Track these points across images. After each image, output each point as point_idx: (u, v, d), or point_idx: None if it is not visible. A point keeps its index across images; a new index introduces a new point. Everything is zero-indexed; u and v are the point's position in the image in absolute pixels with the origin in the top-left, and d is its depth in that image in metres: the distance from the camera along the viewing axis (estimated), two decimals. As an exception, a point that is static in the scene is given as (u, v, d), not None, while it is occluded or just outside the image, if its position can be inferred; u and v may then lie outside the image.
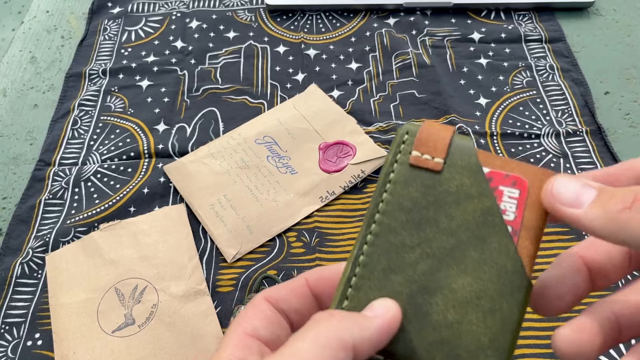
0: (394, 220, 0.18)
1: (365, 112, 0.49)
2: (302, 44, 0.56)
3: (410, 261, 0.18)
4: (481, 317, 0.17)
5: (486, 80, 0.52)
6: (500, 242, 0.18)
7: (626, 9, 0.58)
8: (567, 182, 0.17)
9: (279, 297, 0.19)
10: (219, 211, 0.43)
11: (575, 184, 0.17)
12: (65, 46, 0.58)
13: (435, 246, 0.18)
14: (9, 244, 0.42)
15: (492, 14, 0.58)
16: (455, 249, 0.18)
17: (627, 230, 0.15)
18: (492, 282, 0.17)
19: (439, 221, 0.18)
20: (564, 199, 0.17)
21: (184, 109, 0.51)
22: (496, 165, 0.19)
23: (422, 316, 0.17)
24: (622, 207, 0.15)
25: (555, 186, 0.17)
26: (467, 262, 0.18)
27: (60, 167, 0.47)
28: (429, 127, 0.19)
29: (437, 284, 0.17)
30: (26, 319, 0.38)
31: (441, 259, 0.18)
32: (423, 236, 0.18)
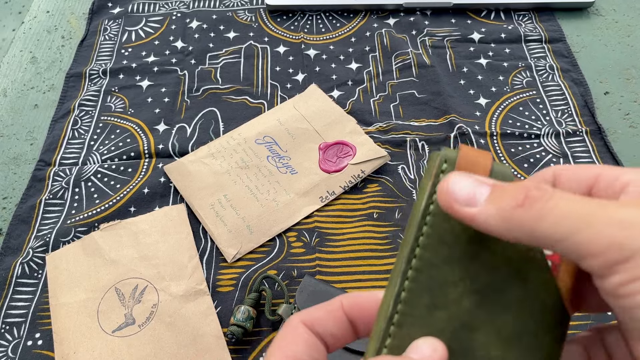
0: (435, 254, 0.17)
1: (365, 112, 0.49)
2: (302, 44, 0.56)
3: (454, 297, 0.17)
4: (524, 353, 0.17)
5: (486, 80, 0.52)
6: (541, 277, 0.17)
7: (626, 9, 0.58)
8: (461, 179, 0.17)
9: (315, 320, 0.19)
10: (219, 211, 0.43)
11: (469, 181, 0.17)
12: (66, 46, 0.58)
13: (479, 282, 0.17)
14: (10, 244, 0.42)
15: (492, 14, 0.58)
16: (499, 284, 0.17)
17: (521, 229, 0.15)
18: (534, 318, 0.17)
19: (482, 256, 0.18)
20: (458, 197, 0.16)
21: (184, 109, 0.51)
22: None
23: (465, 353, 0.17)
24: (515, 204, 0.15)
25: (450, 184, 0.17)
26: (510, 298, 0.17)
27: (60, 167, 0.47)
28: (468, 155, 0.18)
29: (480, 320, 0.17)
30: (26, 319, 0.38)
31: (485, 295, 0.17)
32: (465, 272, 0.17)
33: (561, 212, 0.15)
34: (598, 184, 0.17)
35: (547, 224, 0.15)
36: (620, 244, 0.14)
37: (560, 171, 0.19)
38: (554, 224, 0.15)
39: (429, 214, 0.18)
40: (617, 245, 0.14)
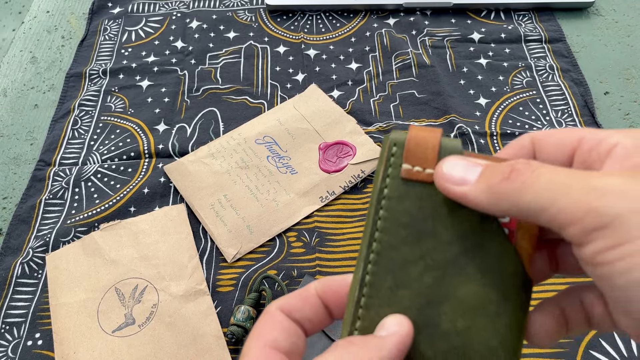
0: (393, 236, 0.18)
1: (365, 112, 0.49)
2: (302, 44, 0.56)
3: (415, 275, 0.18)
4: (489, 322, 0.17)
5: (486, 80, 0.52)
6: (499, 246, 0.18)
7: (626, 9, 0.58)
8: (455, 161, 0.18)
9: (292, 307, 0.19)
10: (219, 211, 0.43)
11: (463, 163, 0.18)
12: (66, 46, 0.58)
13: (437, 258, 0.18)
14: (10, 244, 0.42)
15: (492, 14, 0.58)
16: (457, 258, 0.18)
17: (506, 200, 0.16)
18: (496, 286, 0.18)
19: (438, 232, 0.18)
20: (452, 178, 0.17)
21: (184, 109, 0.51)
22: None
23: (432, 327, 0.18)
24: (501, 177, 0.16)
25: (444, 166, 0.18)
26: (470, 270, 0.18)
27: (60, 167, 0.47)
28: (416, 137, 0.19)
29: (443, 294, 0.18)
30: (26, 319, 0.38)
31: (445, 270, 0.18)
32: (424, 249, 0.18)
33: (543, 182, 0.15)
34: (581, 147, 0.17)
35: (530, 195, 0.15)
36: (597, 211, 0.14)
37: (541, 137, 0.19)
38: (536, 194, 0.15)
39: (384, 198, 0.18)
40: (594, 212, 0.14)
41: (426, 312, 0.18)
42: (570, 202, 0.14)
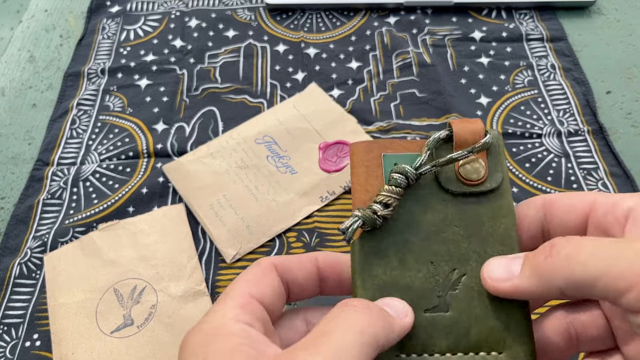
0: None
1: (365, 112, 0.49)
2: (302, 43, 0.55)
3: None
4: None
5: (487, 79, 0.51)
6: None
7: (628, 8, 0.58)
8: (496, 262, 0.19)
9: (287, 268, 0.20)
10: (218, 211, 0.42)
11: (503, 260, 0.18)
12: (64, 45, 0.58)
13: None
14: (7, 244, 0.42)
15: (493, 12, 0.57)
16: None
17: (557, 278, 0.16)
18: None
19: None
20: (498, 278, 0.18)
21: (183, 108, 0.51)
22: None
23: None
24: (544, 256, 0.16)
25: (487, 270, 0.19)
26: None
27: (58, 166, 0.47)
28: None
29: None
30: (24, 320, 0.38)
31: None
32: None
33: (589, 252, 0.15)
34: (595, 212, 0.18)
35: (579, 267, 0.15)
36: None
37: (552, 200, 0.19)
38: (584, 265, 0.15)
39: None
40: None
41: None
42: (623, 268, 0.14)
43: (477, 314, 0.19)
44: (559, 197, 0.19)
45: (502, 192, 0.21)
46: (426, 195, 0.21)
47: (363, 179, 0.21)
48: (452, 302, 0.19)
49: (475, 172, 0.20)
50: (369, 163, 0.21)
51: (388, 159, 0.21)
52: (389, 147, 0.21)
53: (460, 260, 0.20)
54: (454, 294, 0.19)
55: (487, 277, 0.18)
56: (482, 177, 0.20)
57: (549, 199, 0.20)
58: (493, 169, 0.21)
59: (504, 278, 0.18)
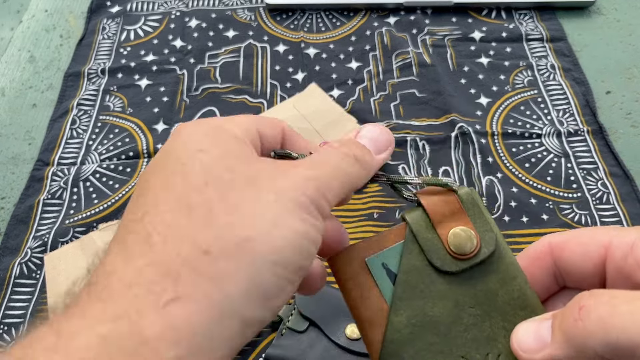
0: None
1: (365, 112, 0.49)
2: (302, 43, 0.55)
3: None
4: None
5: (487, 79, 0.51)
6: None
7: (627, 8, 0.58)
8: (523, 330, 0.17)
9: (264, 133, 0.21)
10: (218, 211, 0.42)
11: (530, 326, 0.17)
12: (64, 45, 0.58)
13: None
14: (8, 244, 0.42)
15: (493, 13, 0.57)
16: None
17: (593, 342, 0.15)
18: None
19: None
20: (530, 347, 0.17)
21: (184, 108, 0.51)
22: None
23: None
24: (573, 320, 0.15)
25: (517, 341, 0.17)
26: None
27: (59, 167, 0.47)
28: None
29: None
30: (25, 319, 0.38)
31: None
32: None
33: (624, 315, 0.14)
34: (612, 256, 0.17)
35: (615, 332, 0.14)
36: None
37: (560, 246, 0.18)
38: (621, 330, 0.14)
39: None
40: None
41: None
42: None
43: None
44: (567, 240, 0.18)
45: (501, 252, 0.19)
46: (428, 287, 0.19)
47: (358, 295, 0.19)
48: None
49: (467, 243, 0.19)
50: (355, 276, 0.20)
51: (374, 262, 0.20)
52: (370, 248, 0.20)
53: (489, 341, 0.18)
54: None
55: (518, 350, 0.17)
56: (476, 246, 0.19)
57: (555, 244, 0.18)
58: (482, 231, 0.19)
59: (536, 348, 0.16)
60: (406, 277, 0.19)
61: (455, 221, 0.19)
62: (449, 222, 0.19)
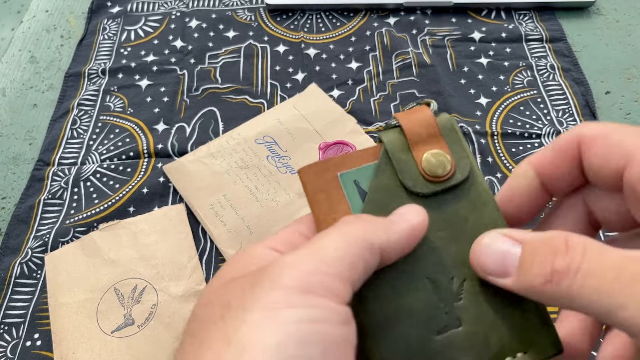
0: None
1: (365, 112, 0.49)
2: (302, 43, 0.56)
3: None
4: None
5: (487, 79, 0.52)
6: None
7: (627, 8, 0.58)
8: (486, 247, 0.17)
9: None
10: (218, 211, 0.42)
11: (497, 245, 0.16)
12: (65, 46, 0.58)
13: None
14: (8, 244, 0.42)
15: (493, 13, 0.58)
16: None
17: (557, 302, 0.15)
18: None
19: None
20: (492, 270, 0.16)
21: (184, 108, 0.51)
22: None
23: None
24: (544, 280, 0.15)
25: (478, 253, 0.17)
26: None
27: (59, 167, 0.47)
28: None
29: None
30: (25, 319, 0.38)
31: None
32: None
33: (591, 290, 0.14)
34: (630, 171, 0.15)
35: (582, 302, 0.14)
36: None
37: (588, 140, 0.16)
38: (588, 302, 0.14)
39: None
40: None
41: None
42: (634, 312, 0.13)
43: (490, 319, 0.17)
44: (596, 136, 0.16)
45: (474, 179, 0.19)
46: (397, 207, 0.18)
47: (326, 206, 0.19)
48: (462, 315, 0.17)
49: (440, 167, 0.19)
50: (325, 187, 0.19)
51: (346, 177, 0.19)
52: (343, 164, 0.19)
53: (454, 266, 0.18)
54: (460, 305, 0.17)
55: (476, 263, 0.17)
56: (449, 170, 0.19)
57: (585, 139, 0.17)
58: (458, 158, 0.19)
59: (496, 272, 0.16)
60: (376, 196, 0.19)
61: (431, 145, 0.19)
62: (424, 145, 0.19)
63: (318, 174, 0.19)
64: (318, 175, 0.19)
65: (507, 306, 0.17)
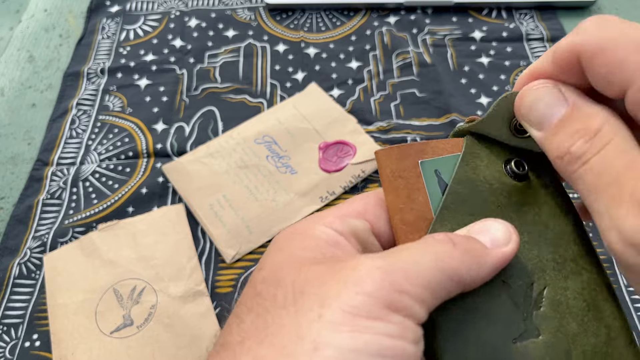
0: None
1: (365, 112, 0.49)
2: (302, 42, 0.55)
3: None
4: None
5: (487, 79, 0.51)
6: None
7: (629, 8, 0.57)
8: (537, 95, 0.16)
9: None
10: (218, 211, 0.42)
11: (544, 100, 0.16)
12: (64, 45, 0.58)
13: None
14: (7, 244, 0.42)
15: (494, 12, 0.57)
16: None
17: (561, 173, 0.16)
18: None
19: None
20: (529, 117, 0.16)
21: (183, 108, 0.51)
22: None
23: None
24: (558, 154, 0.15)
25: (525, 97, 0.16)
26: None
27: (58, 167, 0.47)
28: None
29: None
30: (24, 320, 0.38)
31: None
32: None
33: (586, 185, 0.14)
34: (632, 94, 0.15)
35: (577, 189, 0.15)
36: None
37: (589, 56, 0.15)
38: (580, 191, 0.15)
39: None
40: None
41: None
42: (620, 214, 0.13)
43: (573, 333, 0.16)
44: (594, 53, 0.15)
45: (552, 184, 0.18)
46: (479, 204, 0.18)
47: (405, 195, 0.17)
48: (541, 324, 0.16)
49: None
50: (406, 174, 0.17)
51: (427, 166, 0.18)
52: (425, 152, 0.18)
53: (534, 272, 0.17)
54: (540, 313, 0.16)
55: (519, 111, 0.17)
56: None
57: (585, 52, 0.15)
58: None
59: (534, 122, 0.16)
60: (458, 189, 0.18)
61: None
62: None
63: (399, 158, 0.18)
64: (399, 160, 0.18)
65: (592, 320, 0.16)
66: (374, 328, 0.13)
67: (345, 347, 0.13)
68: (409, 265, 0.14)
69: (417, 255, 0.15)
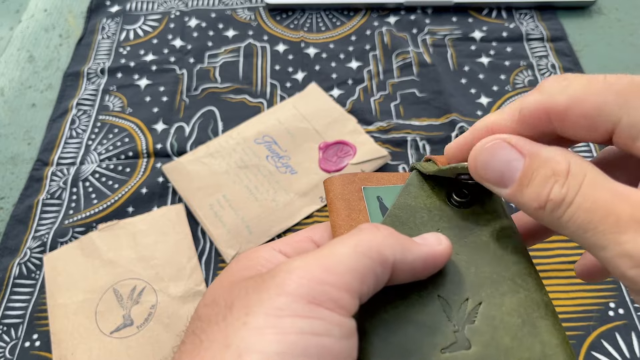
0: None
1: (365, 112, 0.49)
2: (302, 42, 0.55)
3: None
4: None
5: (487, 79, 0.51)
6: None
7: (629, 7, 0.57)
8: (491, 152, 0.16)
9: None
10: (218, 211, 0.42)
11: (500, 157, 0.16)
12: (64, 45, 0.58)
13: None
14: (7, 244, 0.42)
15: (494, 12, 0.57)
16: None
17: (545, 224, 0.15)
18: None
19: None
20: (488, 176, 0.16)
21: (183, 108, 0.51)
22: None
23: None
24: (537, 205, 0.15)
25: (478, 158, 0.16)
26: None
27: (58, 166, 0.47)
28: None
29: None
30: (24, 320, 0.38)
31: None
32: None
33: (578, 225, 0.14)
34: (620, 135, 0.15)
35: (569, 233, 0.14)
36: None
37: (559, 113, 0.15)
38: (573, 235, 0.14)
39: None
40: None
41: None
42: (617, 251, 0.13)
43: (506, 344, 0.16)
44: (567, 108, 0.15)
45: (497, 206, 0.19)
46: (418, 226, 0.19)
47: (344, 214, 0.19)
48: (473, 337, 0.16)
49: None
50: (348, 197, 0.19)
51: (370, 192, 0.19)
52: (369, 180, 0.20)
53: (471, 288, 0.17)
54: (472, 327, 0.17)
55: (475, 173, 0.16)
56: None
57: (555, 112, 0.15)
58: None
59: (495, 181, 0.16)
60: (398, 213, 0.19)
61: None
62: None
63: (343, 183, 0.20)
64: (343, 185, 0.20)
65: (527, 335, 0.16)
66: (299, 327, 0.13)
67: (271, 350, 0.13)
68: (327, 257, 0.14)
69: (337, 246, 0.15)
